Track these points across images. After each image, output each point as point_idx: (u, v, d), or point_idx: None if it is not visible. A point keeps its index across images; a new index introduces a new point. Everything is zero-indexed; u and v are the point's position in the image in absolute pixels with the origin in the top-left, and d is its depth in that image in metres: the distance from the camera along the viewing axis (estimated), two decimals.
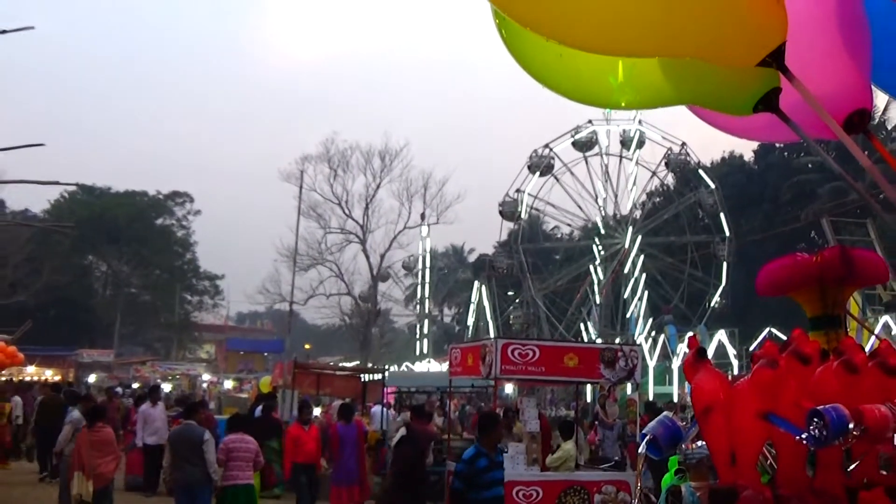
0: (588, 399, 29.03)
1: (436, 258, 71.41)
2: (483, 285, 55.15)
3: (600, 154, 53.60)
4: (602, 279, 51.81)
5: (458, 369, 13.36)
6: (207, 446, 10.97)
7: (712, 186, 52.08)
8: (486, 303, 53.88)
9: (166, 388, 41.57)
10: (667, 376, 35.92)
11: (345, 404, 16.47)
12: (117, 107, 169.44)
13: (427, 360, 52.96)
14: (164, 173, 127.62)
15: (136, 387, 36.67)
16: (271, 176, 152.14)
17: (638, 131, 52.18)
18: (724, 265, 51.10)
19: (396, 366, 49.68)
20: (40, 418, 20.19)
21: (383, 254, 59.85)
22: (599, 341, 39.59)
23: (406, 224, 59.95)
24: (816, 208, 44.21)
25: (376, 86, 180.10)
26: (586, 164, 53.70)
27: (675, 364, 33.80)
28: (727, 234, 51.48)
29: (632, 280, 50.63)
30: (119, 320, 67.43)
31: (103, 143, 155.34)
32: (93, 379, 47.74)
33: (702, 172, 53.15)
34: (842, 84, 4.78)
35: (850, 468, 3.64)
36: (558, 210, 55.76)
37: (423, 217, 60.08)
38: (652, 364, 35.45)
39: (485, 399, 29.72)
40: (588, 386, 23.05)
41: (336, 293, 61.01)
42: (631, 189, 54.12)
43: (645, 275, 50.93)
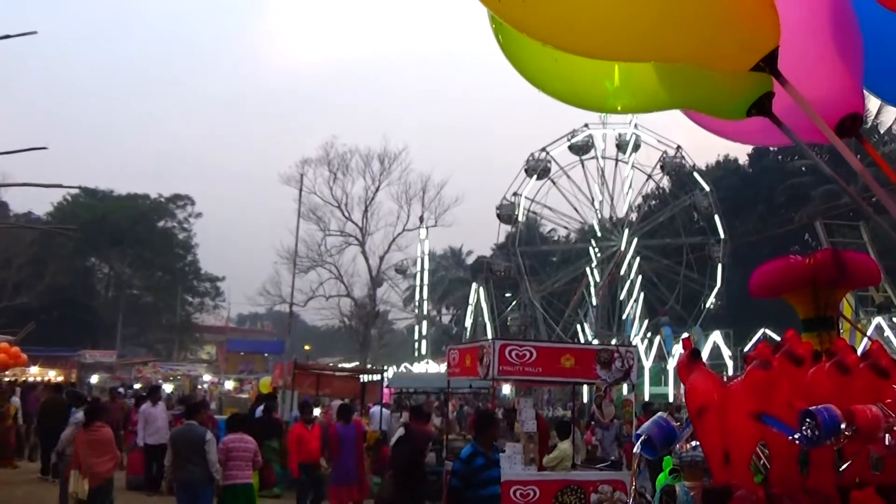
0: (584, 399, 29.04)
1: (434, 260, 71.47)
2: (481, 287, 55.22)
3: (596, 157, 53.76)
4: (598, 281, 51.86)
5: (456, 370, 13.34)
6: (209, 446, 10.96)
7: (707, 189, 52.15)
8: (484, 304, 53.93)
9: (167, 388, 41.62)
10: (662, 377, 35.94)
11: (344, 405, 16.47)
12: (119, 110, 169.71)
13: (425, 361, 52.94)
14: (166, 176, 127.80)
15: (137, 387, 36.62)
16: (271, 179, 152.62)
17: (634, 135, 52.27)
18: (719, 267, 51.19)
19: (395, 367, 49.65)
20: (42, 419, 20.16)
21: (382, 256, 59.88)
22: (596, 342, 39.61)
23: (405, 226, 59.98)
24: (810, 211, 44.28)
25: (375, 89, 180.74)
26: (582, 167, 53.92)
27: (671, 365, 33.80)
28: (722, 236, 51.56)
29: (628, 282, 50.71)
30: (121, 321, 67.45)
31: (105, 146, 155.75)
32: (95, 379, 47.73)
33: (697, 175, 53.24)
34: (834, 88, 4.78)
35: (842, 468, 3.64)
36: (555, 213, 55.98)
37: (421, 220, 60.13)
38: (648, 365, 35.50)
39: (482, 399, 29.74)
40: (584, 386, 23.06)
41: (335, 295, 61.07)
42: (627, 192, 54.30)
43: (641, 276, 51.02)
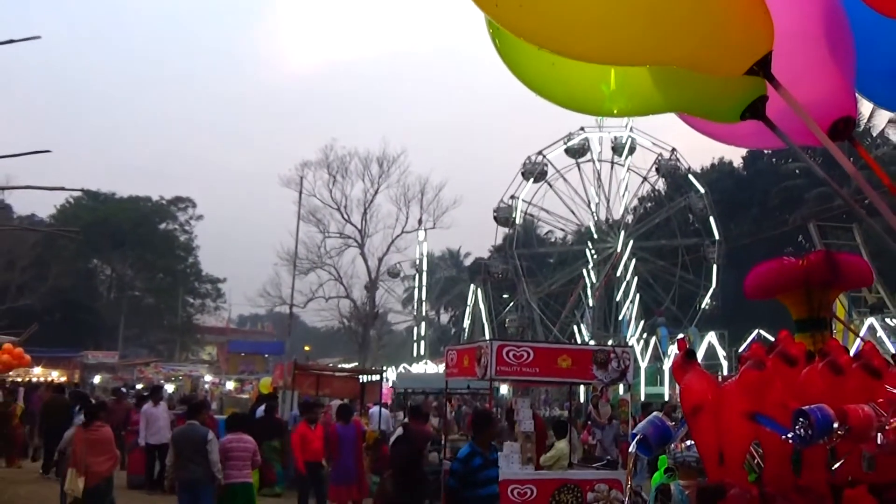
0: (581, 399, 29.02)
1: (433, 262, 71.47)
2: (479, 288, 55.24)
3: (592, 160, 53.76)
4: (595, 282, 51.86)
5: (455, 370, 13.34)
6: (211, 446, 10.95)
7: (702, 191, 52.19)
8: (482, 305, 53.93)
9: (169, 388, 41.61)
10: (658, 377, 35.92)
11: (343, 405, 16.46)
12: (121, 113, 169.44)
13: (424, 361, 52.91)
14: (168, 179, 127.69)
15: (139, 387, 36.60)
16: (272, 182, 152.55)
17: (630, 138, 52.28)
18: (714, 268, 51.21)
19: (394, 367, 49.64)
20: (44, 418, 20.14)
21: (381, 257, 59.98)
22: (592, 343, 39.65)
23: (403, 229, 60.10)
24: (803, 213, 44.31)
25: (375, 89, 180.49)
26: (579, 170, 53.93)
27: (667, 365, 33.79)
28: (717, 237, 51.60)
29: (624, 283, 50.70)
30: (123, 323, 67.44)
31: (108, 149, 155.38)
32: (98, 380, 47.76)
33: (691, 178, 53.28)
34: (827, 92, 4.78)
35: (834, 467, 3.64)
36: (552, 215, 55.97)
37: (420, 222, 60.21)
38: (644, 365, 35.47)
39: (480, 399, 29.72)
40: (581, 386, 23.03)
41: (335, 296, 61.13)
42: (623, 194, 54.27)
43: (637, 278, 51.01)
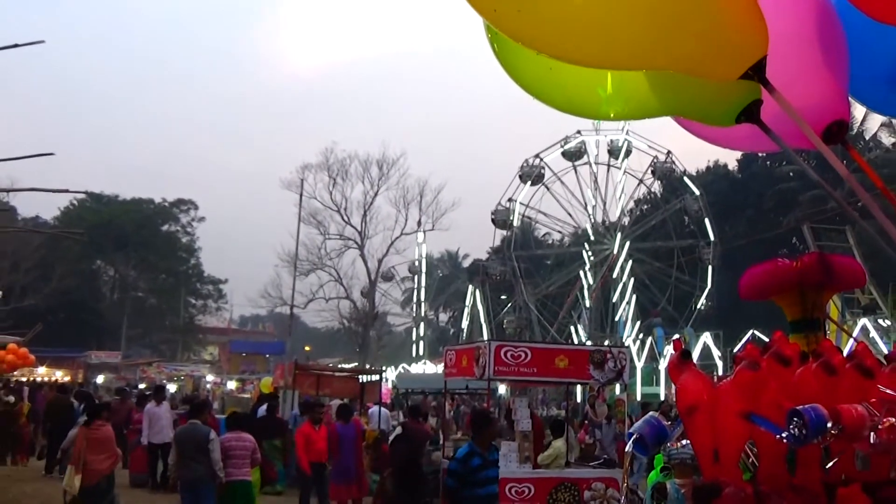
0: (578, 399, 29.00)
1: (432, 263, 71.50)
2: (477, 290, 55.26)
3: (589, 163, 53.78)
4: (592, 283, 51.88)
5: (453, 370, 13.32)
6: (213, 445, 10.96)
7: (697, 193, 52.23)
8: (480, 306, 53.95)
9: (171, 388, 41.59)
10: (654, 377, 35.94)
11: (343, 405, 16.45)
12: (122, 114, 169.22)
13: (423, 361, 52.93)
14: (170, 181, 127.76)
15: (142, 387, 36.60)
16: (273, 184, 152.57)
17: (626, 141, 52.31)
18: (709, 269, 51.23)
19: (393, 367, 49.64)
20: (47, 417, 20.15)
21: (381, 259, 60.05)
22: (589, 343, 39.63)
23: (403, 230, 60.17)
24: (797, 215, 44.28)
25: (374, 93, 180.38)
26: (575, 173, 54.02)
27: (663, 365, 33.79)
28: (712, 238, 51.62)
29: (620, 284, 50.71)
30: (126, 323, 67.40)
31: (109, 150, 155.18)
32: (101, 380, 47.78)
33: (687, 180, 53.32)
34: (821, 96, 4.79)
35: (828, 465, 3.64)
36: (549, 218, 56.03)
37: (419, 224, 60.29)
38: (640, 365, 35.48)
39: (478, 399, 29.70)
40: (578, 386, 22.98)
41: (335, 297, 61.17)
42: (619, 196, 54.34)
43: (633, 279, 51.03)
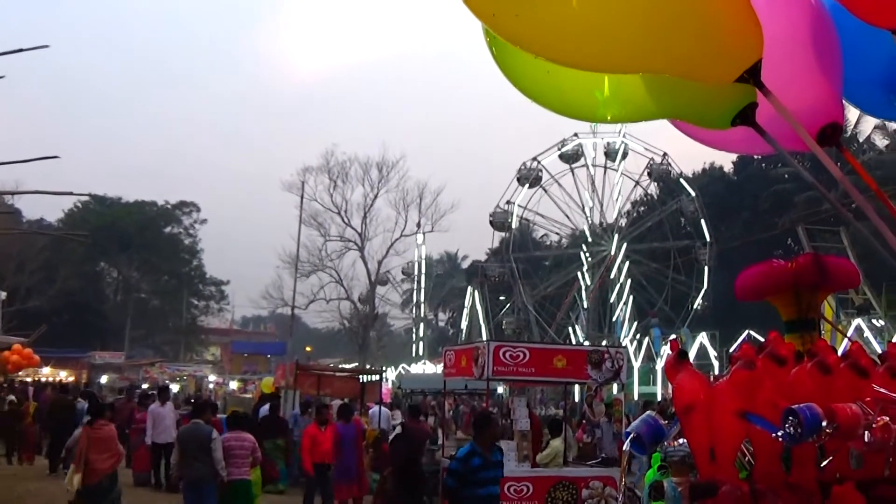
0: (576, 398, 29.02)
1: (431, 265, 71.54)
2: (476, 291, 55.30)
3: (586, 165, 53.79)
4: (589, 284, 51.89)
5: (452, 371, 13.32)
6: (215, 444, 10.96)
7: (693, 194, 52.25)
8: (479, 307, 53.96)
9: (174, 388, 41.58)
10: (651, 377, 35.93)
11: (344, 404, 16.42)
12: (126, 117, 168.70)
13: (423, 361, 52.93)
14: (173, 184, 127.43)
15: (145, 387, 36.60)
16: (274, 186, 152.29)
17: (622, 143, 52.34)
18: (706, 269, 51.24)
19: (393, 367, 49.64)
20: (49, 417, 20.18)
21: (381, 260, 60.15)
22: (587, 344, 39.60)
23: (402, 232, 60.28)
24: (792, 217, 44.24)
25: (374, 97, 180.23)
26: (573, 175, 54.04)
27: (659, 365, 33.79)
28: (708, 239, 51.64)
29: (618, 285, 50.74)
30: (129, 324, 67.46)
31: (113, 153, 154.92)
32: (105, 380, 47.78)
33: (683, 182, 53.34)
34: (815, 99, 4.80)
35: (823, 464, 3.64)
36: (547, 219, 56.08)
37: (418, 225, 60.41)
38: (637, 365, 35.47)
39: (477, 399, 29.71)
40: (576, 386, 23.04)
41: (336, 298, 61.24)
42: (616, 198, 54.39)
43: (630, 280, 51.07)
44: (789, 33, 4.65)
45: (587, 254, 52.94)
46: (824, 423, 3.24)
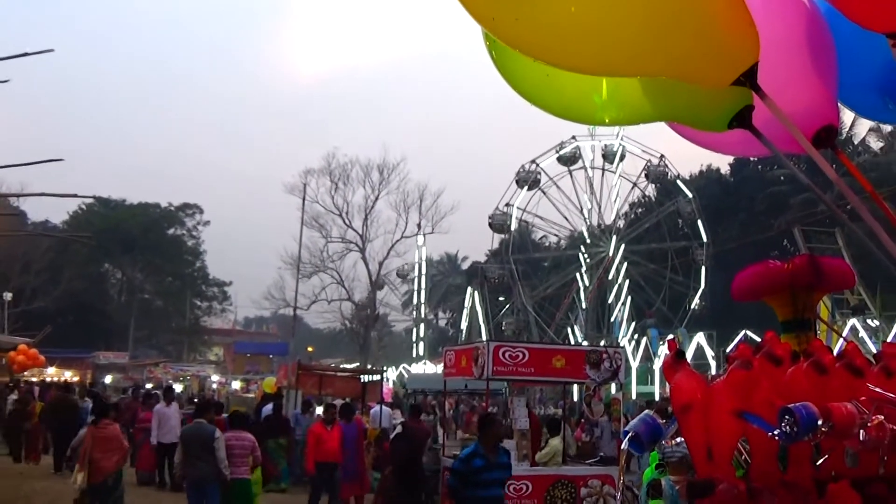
0: (575, 398, 28.99)
1: (431, 266, 71.51)
2: (475, 291, 55.26)
3: (584, 168, 53.77)
4: (588, 285, 51.86)
5: (453, 370, 13.33)
6: (218, 444, 10.96)
7: (690, 195, 52.25)
8: (479, 308, 53.92)
9: (177, 388, 41.58)
10: (649, 376, 35.91)
11: (345, 404, 16.42)
12: (131, 122, 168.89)
13: (423, 362, 52.88)
14: (176, 186, 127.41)
15: (149, 387, 36.61)
16: (276, 189, 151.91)
17: (620, 145, 52.30)
18: (703, 269, 51.21)
19: (394, 367, 49.62)
20: (51, 416, 20.20)
21: (382, 261, 60.09)
22: (585, 344, 39.59)
23: (403, 234, 60.22)
24: (788, 218, 44.25)
25: (375, 101, 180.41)
26: (571, 177, 53.95)
27: (657, 365, 33.77)
28: (705, 239, 51.63)
29: (616, 286, 50.71)
30: (133, 324, 67.47)
31: (118, 158, 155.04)
32: (109, 380, 47.78)
33: (680, 183, 53.33)
34: (810, 102, 4.80)
35: (819, 462, 3.64)
36: (546, 221, 56.00)
37: (419, 227, 60.33)
38: (635, 365, 35.44)
39: (477, 399, 29.69)
40: (575, 386, 23.02)
41: (337, 299, 61.23)
42: (614, 200, 54.32)
43: (628, 280, 51.03)
44: (785, 37, 4.65)
45: (586, 255, 52.89)
46: (820, 422, 3.24)
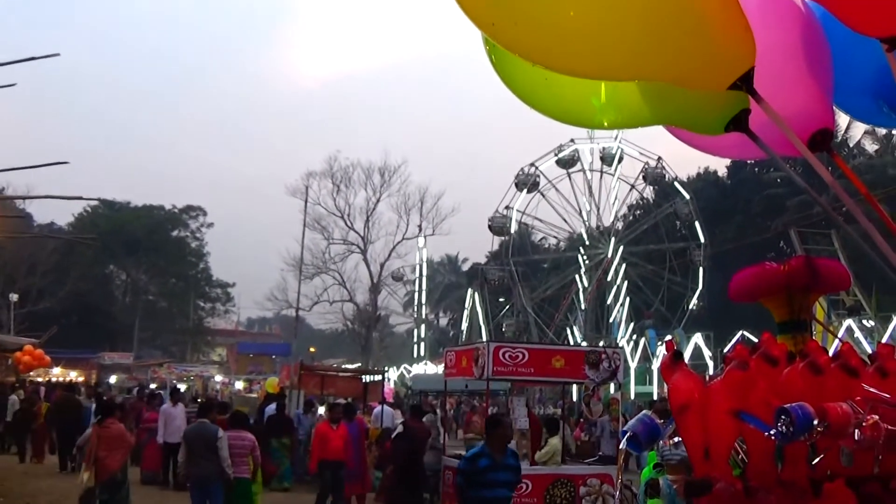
0: (574, 398, 28.99)
1: (432, 267, 71.54)
2: (476, 292, 55.26)
3: (583, 170, 53.80)
4: (587, 287, 51.86)
5: (453, 371, 13.34)
6: (221, 443, 10.96)
7: (687, 197, 52.26)
8: (479, 309, 53.92)
9: (181, 388, 41.60)
10: (647, 377, 35.94)
11: (347, 404, 16.43)
12: (136, 126, 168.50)
13: (424, 362, 52.88)
14: (179, 189, 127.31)
15: (153, 387, 36.65)
16: (279, 191, 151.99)
17: (618, 148, 52.31)
18: (700, 270, 51.22)
19: (395, 367, 49.62)
20: (55, 416, 20.23)
21: (383, 263, 60.20)
22: (584, 344, 39.59)
23: (404, 235, 60.39)
24: (785, 220, 44.27)
25: (376, 104, 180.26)
26: (570, 180, 53.97)
27: (655, 365, 33.78)
28: (702, 240, 51.65)
29: (614, 287, 50.73)
30: (138, 325, 67.47)
31: (122, 161, 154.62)
32: (114, 380, 47.78)
33: (678, 185, 53.34)
34: (806, 105, 4.80)
35: (814, 462, 3.64)
36: (545, 223, 56.02)
37: (420, 229, 60.43)
38: (633, 365, 35.46)
39: (477, 399, 29.70)
40: (574, 386, 22.99)
41: (339, 300, 61.30)
42: (612, 202, 54.32)
43: (627, 282, 51.04)
44: (781, 41, 4.66)
45: (585, 256, 52.91)
46: (816, 422, 3.24)
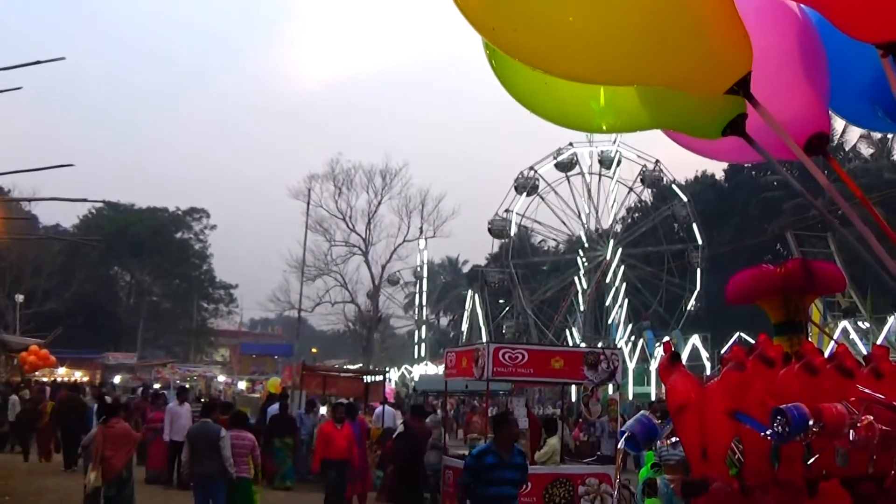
0: (573, 398, 28.99)
1: (433, 269, 71.54)
2: (476, 294, 55.27)
3: (581, 173, 53.80)
4: (586, 288, 51.87)
5: (454, 371, 13.33)
6: (224, 442, 10.97)
7: (685, 199, 52.28)
8: (479, 310, 53.92)
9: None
10: (645, 377, 35.96)
11: (349, 404, 16.43)
12: (136, 127, 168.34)
13: (424, 363, 52.89)
14: (183, 191, 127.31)
15: (157, 387, 36.66)
16: (281, 193, 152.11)
17: (616, 151, 52.33)
18: (698, 271, 51.23)
19: (396, 368, 49.61)
20: (59, 415, 20.21)
21: (384, 265, 60.17)
22: (583, 345, 39.59)
23: (405, 237, 60.37)
24: (781, 223, 44.18)
25: (376, 105, 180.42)
26: (569, 183, 54.00)
27: (653, 366, 33.79)
28: (700, 242, 51.66)
29: (613, 288, 50.73)
30: (142, 326, 67.48)
31: (127, 164, 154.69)
32: (118, 380, 47.81)
33: (675, 188, 53.36)
34: (802, 110, 4.81)
35: (810, 461, 3.64)
36: (544, 226, 56.05)
37: (421, 231, 60.41)
38: (632, 366, 35.49)
39: (478, 399, 29.68)
40: (573, 386, 23.03)
41: (340, 301, 61.28)
42: (611, 205, 54.34)
43: (625, 283, 51.04)
44: (778, 47, 4.66)
45: (584, 259, 52.93)
46: (811, 423, 3.24)
